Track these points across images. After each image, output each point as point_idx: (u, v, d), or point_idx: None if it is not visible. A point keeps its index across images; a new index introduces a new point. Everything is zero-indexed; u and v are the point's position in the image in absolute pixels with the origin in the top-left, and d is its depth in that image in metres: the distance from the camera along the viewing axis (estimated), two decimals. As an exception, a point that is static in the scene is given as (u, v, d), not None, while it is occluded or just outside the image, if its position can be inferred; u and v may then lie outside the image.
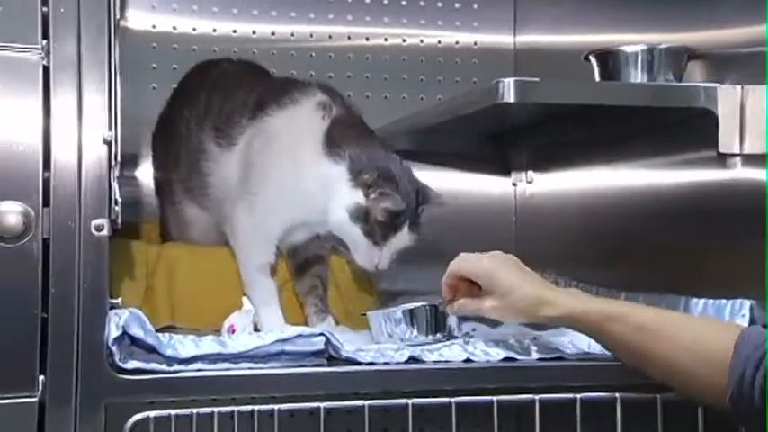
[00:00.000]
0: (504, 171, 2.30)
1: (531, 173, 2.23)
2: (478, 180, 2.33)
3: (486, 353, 1.40)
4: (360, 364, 1.35)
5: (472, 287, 1.39)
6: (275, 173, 1.62)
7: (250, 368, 1.31)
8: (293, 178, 1.61)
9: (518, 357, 1.40)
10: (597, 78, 1.65)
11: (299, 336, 1.33)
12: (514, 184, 2.29)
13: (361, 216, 1.56)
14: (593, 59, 1.66)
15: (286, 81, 1.77)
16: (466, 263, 1.40)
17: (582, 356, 1.43)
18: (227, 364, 1.31)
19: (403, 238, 1.58)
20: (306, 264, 1.74)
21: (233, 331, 1.48)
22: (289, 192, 1.62)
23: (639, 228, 1.75)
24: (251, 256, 1.67)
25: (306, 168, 1.60)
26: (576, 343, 1.46)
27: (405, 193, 1.57)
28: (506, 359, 1.39)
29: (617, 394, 1.36)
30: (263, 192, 1.63)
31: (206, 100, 1.76)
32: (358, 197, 1.56)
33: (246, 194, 1.65)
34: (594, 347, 1.44)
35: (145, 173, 2.03)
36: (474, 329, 1.62)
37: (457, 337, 1.50)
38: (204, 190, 1.74)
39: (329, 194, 1.58)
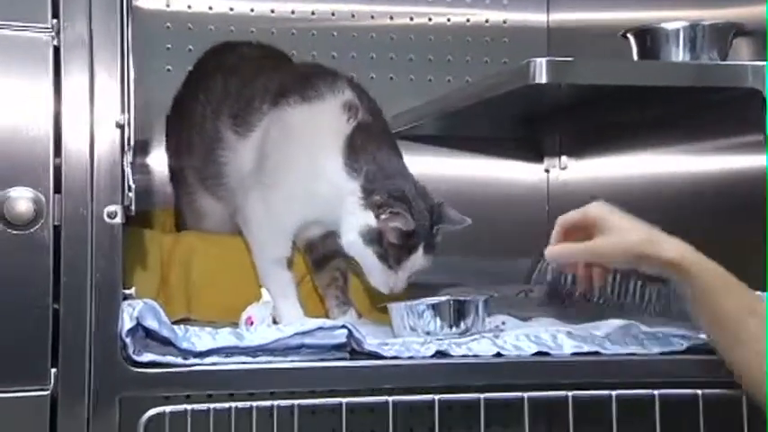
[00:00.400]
0: (537, 157, 2.31)
1: (564, 158, 2.23)
2: (509, 166, 2.34)
3: (517, 347, 1.41)
4: (384, 358, 1.37)
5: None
6: (290, 167, 1.64)
7: (269, 362, 1.33)
8: (308, 177, 1.63)
9: (551, 352, 1.41)
10: (635, 57, 1.65)
11: (320, 328, 1.35)
12: (547, 171, 2.29)
13: (374, 238, 1.58)
14: (630, 37, 1.66)
15: (313, 70, 1.77)
16: (573, 212, 1.40)
17: (619, 351, 1.44)
18: (244, 358, 1.33)
19: (418, 260, 1.60)
20: (324, 258, 1.77)
21: (251, 323, 1.50)
22: (302, 189, 1.64)
23: (680, 218, 1.76)
24: (265, 249, 1.70)
25: (322, 170, 1.62)
26: (613, 337, 1.47)
27: (418, 213, 1.58)
28: (538, 353, 1.41)
29: (655, 391, 1.37)
30: (278, 183, 1.66)
31: (223, 85, 1.79)
32: (369, 219, 1.58)
33: (260, 184, 1.68)
34: (631, 342, 1.45)
35: (158, 159, 2.07)
36: (504, 323, 1.64)
37: (485, 331, 1.51)
38: (219, 179, 1.77)
39: (342, 207, 1.61)
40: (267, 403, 1.31)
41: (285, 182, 1.65)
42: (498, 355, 1.40)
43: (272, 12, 2.14)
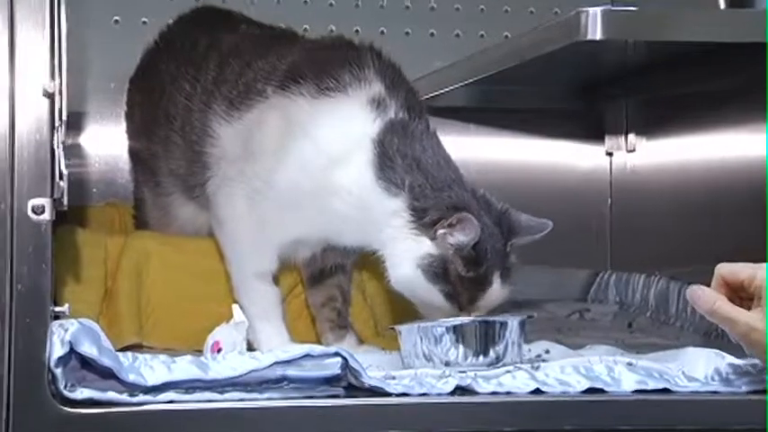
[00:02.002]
0: (596, 135, 2.31)
1: (632, 138, 2.24)
2: (561, 148, 2.35)
3: (562, 382, 1.41)
4: (389, 395, 1.37)
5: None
6: (292, 173, 1.65)
7: (241, 399, 1.33)
8: (319, 189, 1.64)
9: (606, 389, 1.41)
10: (722, 6, 1.65)
11: (308, 356, 1.36)
12: (610, 154, 2.30)
13: (438, 272, 1.58)
14: (716, -20, 1.66)
15: (333, 50, 1.76)
16: (741, 267, 1.41)
17: (696, 389, 1.44)
18: (209, 394, 1.33)
19: (494, 294, 1.59)
20: (321, 274, 1.79)
21: (218, 350, 1.51)
22: (308, 203, 1.65)
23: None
24: (245, 261, 1.71)
25: (342, 185, 1.63)
26: (690, 371, 1.47)
27: (486, 231, 1.58)
28: (590, 391, 1.41)
29: (739, 439, 1.38)
30: (271, 188, 1.67)
31: (217, 68, 1.81)
32: (426, 246, 1.59)
33: (245, 181, 1.69)
34: (714, 376, 1.45)
35: (99, 138, 2.10)
36: (547, 351, 1.64)
37: (522, 362, 1.51)
38: (201, 176, 1.77)
39: (380, 231, 1.62)
40: (238, 454, 1.33)
41: (281, 189, 1.66)
42: (538, 392, 1.40)
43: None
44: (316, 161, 1.64)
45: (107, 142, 2.23)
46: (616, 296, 2.31)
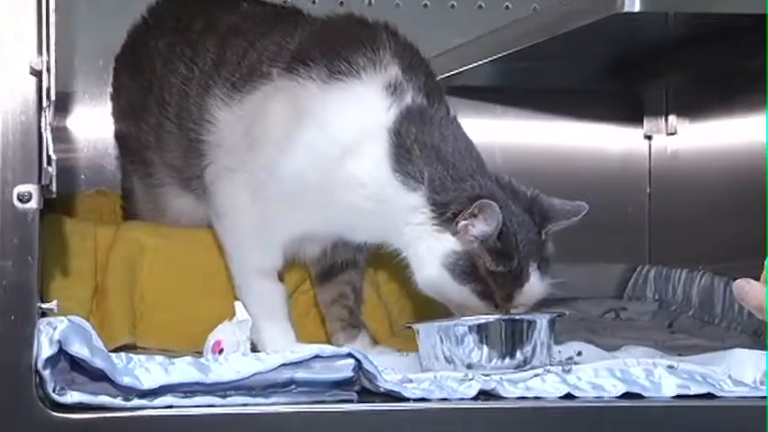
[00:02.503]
0: (635, 117, 2.32)
1: (673, 120, 2.24)
2: (595, 131, 2.35)
3: (596, 386, 1.42)
4: (406, 400, 1.38)
5: None
6: (299, 163, 1.66)
7: (244, 404, 1.35)
8: (329, 182, 1.65)
9: (644, 394, 1.42)
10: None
11: (317, 357, 1.37)
12: (649, 137, 2.30)
13: (467, 270, 1.59)
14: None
15: (344, 29, 1.77)
16: None
17: (744, 395, 1.44)
18: (210, 399, 1.35)
19: (534, 288, 1.60)
20: (332, 270, 1.81)
21: (220, 351, 1.51)
22: (317, 196, 1.66)
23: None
24: (248, 257, 1.73)
25: (353, 176, 1.65)
26: (737, 374, 1.48)
27: (516, 220, 1.59)
28: (627, 395, 1.41)
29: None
30: (276, 179, 1.68)
31: (217, 49, 1.82)
32: (450, 242, 1.60)
33: (247, 170, 1.71)
34: (762, 382, 1.45)
35: (90, 121, 2.11)
36: (580, 353, 1.65)
37: (552, 364, 1.53)
38: (197, 167, 1.79)
39: (400, 231, 1.63)
40: (242, 463, 1.34)
41: (287, 181, 1.67)
42: (569, 397, 1.41)
43: None
44: (326, 152, 1.65)
45: (95, 125, 2.24)
46: (655, 293, 2.32)
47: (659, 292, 2.31)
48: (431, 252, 1.61)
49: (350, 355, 1.38)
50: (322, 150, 1.65)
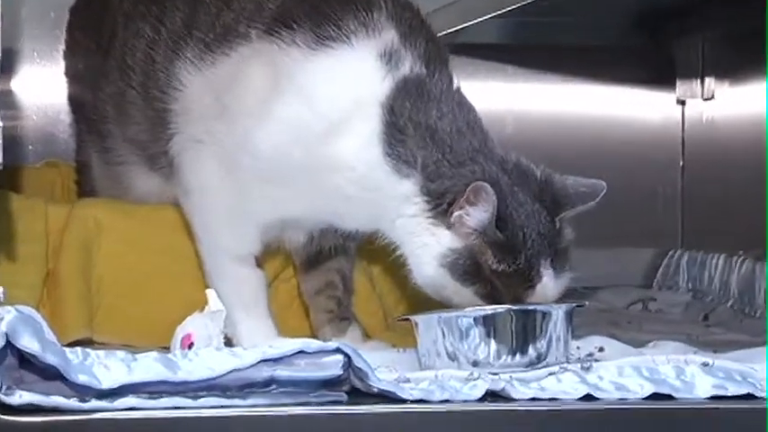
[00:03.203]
0: (666, 79, 2.32)
1: (710, 82, 2.24)
2: (621, 95, 2.36)
3: (619, 386, 1.43)
4: (403, 402, 1.38)
5: None
6: (280, 138, 1.67)
7: (219, 407, 1.34)
8: (314, 162, 1.66)
9: (675, 395, 1.42)
10: None
11: (301, 353, 1.37)
12: (682, 102, 2.30)
13: (468, 270, 1.59)
14: None
15: None
16: None
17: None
18: (179, 400, 1.34)
19: (548, 288, 1.60)
20: (318, 256, 1.82)
21: (190, 345, 1.52)
22: (300, 177, 1.67)
23: None
24: (221, 240, 1.74)
25: (341, 157, 1.65)
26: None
27: (521, 208, 1.60)
28: (655, 396, 1.42)
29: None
30: (251, 154, 1.68)
31: (188, 8, 1.82)
32: (446, 238, 1.60)
33: (215, 140, 1.71)
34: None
35: (42, 84, 2.11)
36: (601, 349, 1.66)
37: (570, 362, 1.53)
38: (162, 141, 1.80)
39: (393, 222, 1.64)
40: (215, 473, 1.34)
41: (264, 158, 1.68)
42: (589, 398, 1.41)
43: None
44: (309, 127, 1.66)
45: (46, 88, 2.25)
46: (688, 282, 2.33)
47: (693, 281, 2.32)
48: (427, 250, 1.62)
49: (338, 351, 1.38)
50: (305, 126, 1.66)
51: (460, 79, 1.73)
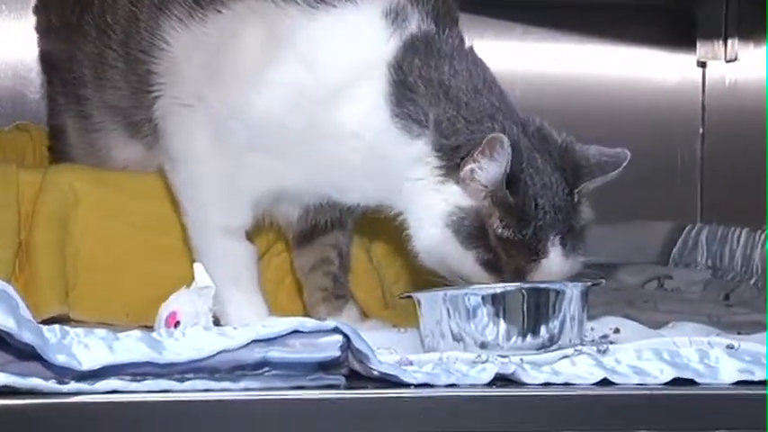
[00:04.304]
0: (685, 39, 2.32)
1: (733, 43, 2.24)
2: (637, 56, 2.36)
3: (638, 370, 1.43)
4: (406, 386, 1.39)
5: None
6: (278, 104, 1.67)
7: (207, 390, 1.35)
8: (315, 130, 1.67)
9: (698, 380, 1.43)
10: None
11: (296, 333, 1.38)
12: (703, 64, 2.31)
13: (473, 232, 1.60)
14: None
15: None
16: None
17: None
18: (165, 383, 1.35)
19: (553, 266, 1.61)
20: (314, 231, 1.83)
21: (176, 324, 1.52)
22: (300, 146, 1.68)
23: None
24: (209, 211, 1.75)
25: (345, 124, 1.66)
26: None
27: (538, 177, 1.60)
28: (677, 381, 1.43)
29: None
30: (245, 121, 1.69)
31: None
32: (457, 196, 1.61)
33: (205, 104, 1.72)
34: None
35: (11, 40, 2.11)
36: (617, 330, 1.66)
37: (585, 343, 1.54)
38: (145, 105, 1.80)
39: (400, 189, 1.65)
40: (204, 461, 1.34)
41: (259, 126, 1.69)
42: (606, 383, 1.42)
43: None
44: (310, 93, 1.66)
45: (15, 44, 2.25)
46: (708, 258, 2.33)
47: (713, 257, 2.32)
48: (432, 211, 1.63)
49: (337, 331, 1.39)
50: (305, 91, 1.66)
51: (466, 38, 1.73)
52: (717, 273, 2.30)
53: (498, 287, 1.54)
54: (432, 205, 1.63)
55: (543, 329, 1.53)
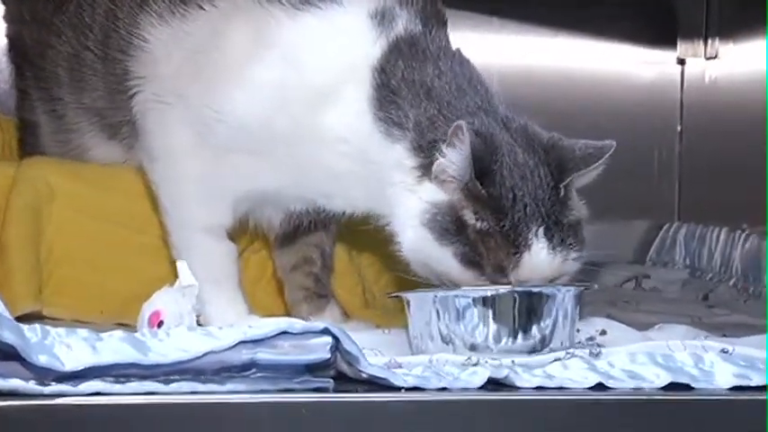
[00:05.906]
0: (665, 37, 2.32)
1: (713, 42, 2.25)
2: (617, 52, 2.37)
3: (633, 374, 1.43)
4: (396, 389, 1.38)
5: None
6: (262, 107, 1.67)
7: (192, 392, 1.34)
8: (299, 134, 1.66)
9: (693, 384, 1.43)
10: None
11: (285, 334, 1.36)
12: (682, 61, 2.31)
13: (450, 227, 1.59)
14: None
15: None
16: None
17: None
18: (150, 384, 1.34)
19: (537, 261, 1.59)
20: (296, 231, 1.84)
21: (159, 324, 1.51)
22: (284, 150, 1.68)
23: None
24: (186, 210, 1.74)
25: (331, 128, 1.66)
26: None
27: (516, 168, 1.60)
28: (672, 386, 1.42)
29: None
30: (227, 122, 1.69)
31: None
32: (429, 191, 1.61)
33: (186, 103, 1.71)
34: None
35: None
36: (603, 332, 1.66)
37: (577, 346, 1.54)
38: (130, 115, 1.79)
39: (382, 192, 1.64)
40: (188, 466, 1.33)
41: (242, 128, 1.68)
42: (600, 387, 1.42)
43: None
44: (294, 96, 1.66)
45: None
46: (686, 258, 2.34)
47: (691, 257, 2.33)
48: (410, 212, 1.62)
49: (326, 332, 1.38)
50: (289, 93, 1.66)
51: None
52: (695, 272, 2.31)
53: (489, 289, 1.53)
54: (410, 207, 1.62)
55: (535, 330, 1.53)
